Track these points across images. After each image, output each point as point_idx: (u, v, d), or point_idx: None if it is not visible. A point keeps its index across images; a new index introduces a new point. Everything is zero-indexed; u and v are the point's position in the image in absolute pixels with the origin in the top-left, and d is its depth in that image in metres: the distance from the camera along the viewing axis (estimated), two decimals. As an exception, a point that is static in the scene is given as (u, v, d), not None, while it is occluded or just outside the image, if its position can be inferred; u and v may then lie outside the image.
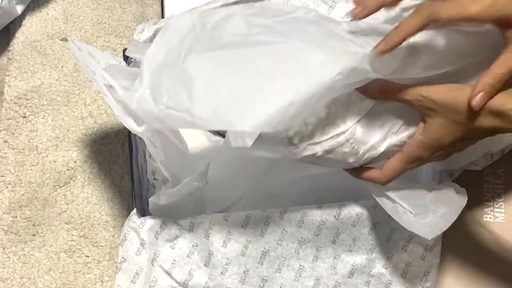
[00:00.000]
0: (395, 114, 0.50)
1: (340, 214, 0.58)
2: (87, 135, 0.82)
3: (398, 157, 0.50)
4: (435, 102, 0.45)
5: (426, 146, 0.48)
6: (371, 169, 0.52)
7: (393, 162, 0.50)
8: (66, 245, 0.76)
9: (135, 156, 0.66)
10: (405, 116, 0.50)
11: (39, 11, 0.89)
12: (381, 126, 0.51)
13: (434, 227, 0.52)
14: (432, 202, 0.54)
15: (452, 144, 0.47)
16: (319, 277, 0.59)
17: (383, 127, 0.51)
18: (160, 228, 0.60)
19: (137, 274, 0.61)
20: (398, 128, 0.51)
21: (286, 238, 0.59)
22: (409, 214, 0.53)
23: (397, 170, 0.50)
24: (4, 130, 0.82)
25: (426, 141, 0.48)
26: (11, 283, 0.74)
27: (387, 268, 0.59)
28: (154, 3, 0.90)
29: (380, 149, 0.51)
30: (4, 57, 0.87)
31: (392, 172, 0.51)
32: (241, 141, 0.48)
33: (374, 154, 0.51)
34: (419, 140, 0.48)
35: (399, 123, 0.51)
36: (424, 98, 0.46)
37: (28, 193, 0.78)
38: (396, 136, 0.51)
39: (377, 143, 0.51)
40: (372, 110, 0.50)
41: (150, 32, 0.64)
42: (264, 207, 0.60)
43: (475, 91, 0.43)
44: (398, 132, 0.51)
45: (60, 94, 0.84)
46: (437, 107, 0.46)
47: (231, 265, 0.59)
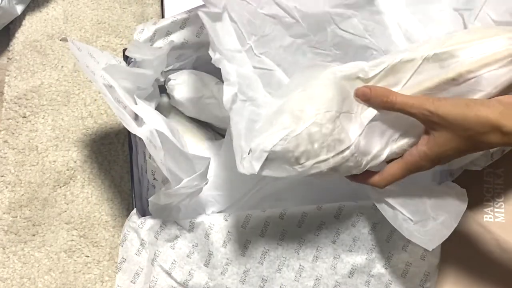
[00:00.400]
0: (395, 122, 0.50)
1: (340, 214, 0.58)
2: (87, 135, 0.82)
3: (398, 164, 0.50)
4: (442, 117, 0.45)
5: (430, 158, 0.48)
6: (370, 173, 0.52)
7: (393, 168, 0.50)
8: (66, 245, 0.76)
9: (135, 156, 0.66)
10: (404, 124, 0.50)
11: (39, 11, 0.89)
12: (381, 135, 0.51)
13: (434, 236, 0.52)
14: (432, 207, 0.54)
15: (456, 156, 0.47)
16: (319, 277, 0.59)
17: (383, 136, 0.51)
18: (160, 228, 0.60)
19: (137, 274, 0.61)
20: (398, 136, 0.51)
21: (286, 238, 0.59)
22: (409, 222, 0.53)
23: (396, 176, 0.50)
24: (4, 130, 0.82)
25: (430, 153, 0.48)
26: (11, 283, 0.74)
27: (387, 268, 0.59)
28: (154, 3, 0.90)
29: (381, 157, 0.51)
30: (4, 57, 0.87)
31: (391, 178, 0.51)
32: (249, 166, 0.48)
33: (375, 163, 0.51)
34: (422, 152, 0.48)
35: (399, 131, 0.51)
36: (431, 113, 0.46)
37: (28, 193, 0.78)
38: (396, 144, 0.51)
39: (378, 151, 0.51)
40: (373, 120, 0.50)
41: (150, 32, 0.64)
42: (264, 207, 0.60)
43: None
44: (398, 139, 0.51)
45: (60, 94, 0.84)
46: (444, 122, 0.45)
47: (231, 265, 0.59)
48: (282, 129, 0.48)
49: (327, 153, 0.48)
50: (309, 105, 0.48)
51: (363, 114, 0.50)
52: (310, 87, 0.50)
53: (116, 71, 0.59)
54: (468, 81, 0.48)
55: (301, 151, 0.48)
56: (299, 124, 0.47)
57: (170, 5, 0.82)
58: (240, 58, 0.55)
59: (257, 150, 0.48)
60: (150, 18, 0.89)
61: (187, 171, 0.56)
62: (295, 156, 0.48)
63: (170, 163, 0.55)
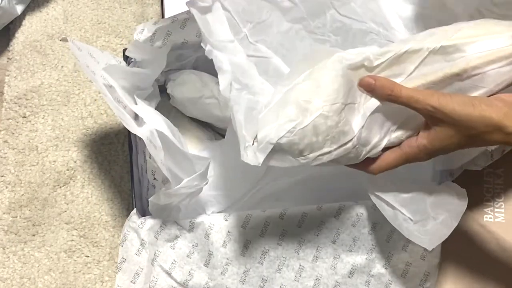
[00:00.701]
0: (395, 113, 0.50)
1: (340, 214, 0.58)
2: (87, 135, 0.82)
3: (395, 154, 0.50)
4: (446, 115, 0.45)
5: (429, 152, 0.48)
6: (365, 160, 0.52)
7: (389, 157, 0.51)
8: (66, 245, 0.76)
9: (135, 156, 0.66)
10: (404, 115, 0.50)
11: (39, 11, 0.89)
12: (381, 126, 0.50)
13: (434, 236, 0.52)
14: (432, 207, 0.54)
15: (455, 150, 0.48)
16: (319, 277, 0.59)
17: (382, 127, 0.51)
18: (160, 228, 0.60)
19: (137, 274, 0.61)
20: (396, 126, 0.51)
21: (286, 238, 0.59)
22: (409, 222, 0.53)
23: (392, 165, 0.51)
24: (4, 130, 0.82)
25: (430, 147, 0.48)
26: (11, 283, 0.74)
27: (387, 268, 0.59)
28: (154, 3, 0.90)
29: (379, 147, 0.51)
30: (4, 57, 0.87)
31: (387, 166, 0.51)
32: (253, 157, 0.48)
33: (373, 153, 0.51)
34: (422, 145, 0.48)
35: (398, 121, 0.51)
36: (435, 109, 0.46)
37: (28, 193, 0.78)
38: (394, 133, 0.51)
39: (377, 142, 0.51)
40: (375, 111, 0.50)
41: (150, 32, 0.64)
42: (264, 207, 0.60)
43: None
44: (396, 130, 0.51)
45: (60, 94, 0.84)
46: (448, 119, 0.45)
47: (231, 265, 0.59)
48: (288, 121, 0.47)
49: (331, 145, 0.48)
50: (316, 96, 0.48)
51: (366, 105, 0.49)
52: (316, 75, 0.49)
53: (116, 71, 0.59)
54: (472, 77, 0.48)
55: (305, 144, 0.48)
56: (306, 116, 0.47)
57: (170, 5, 0.82)
58: (232, 48, 0.55)
59: (263, 141, 0.48)
60: (150, 18, 0.89)
61: (187, 171, 0.56)
62: (300, 149, 0.48)
63: (170, 163, 0.55)
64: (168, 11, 0.81)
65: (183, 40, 0.65)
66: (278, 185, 0.64)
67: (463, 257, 0.65)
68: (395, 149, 0.51)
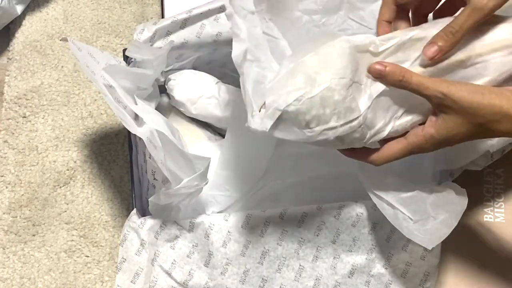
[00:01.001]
0: (400, 99, 0.49)
1: (340, 214, 0.58)
2: (87, 135, 0.82)
3: (400, 144, 0.50)
4: (456, 102, 0.45)
5: (436, 141, 0.47)
6: (367, 150, 0.51)
7: (394, 148, 0.50)
8: (66, 245, 0.76)
9: (135, 156, 0.66)
10: (409, 101, 0.49)
11: (39, 11, 0.89)
12: (386, 110, 0.50)
13: (434, 235, 0.52)
14: (432, 206, 0.54)
15: (461, 141, 0.47)
16: (319, 277, 0.59)
17: (387, 111, 0.50)
18: (160, 228, 0.60)
19: (137, 274, 0.61)
20: (401, 113, 0.50)
21: (286, 238, 0.59)
22: (409, 221, 0.53)
23: (396, 155, 0.50)
24: (4, 130, 0.82)
25: (437, 137, 0.47)
26: (11, 283, 0.74)
27: (387, 268, 0.59)
28: (154, 3, 0.90)
29: (383, 133, 0.50)
30: (4, 57, 0.87)
31: (391, 157, 0.50)
32: (261, 123, 0.48)
33: (376, 138, 0.50)
34: (429, 134, 0.47)
35: (402, 108, 0.50)
36: (445, 96, 0.45)
37: (28, 193, 0.78)
38: (399, 121, 0.50)
39: (381, 127, 0.50)
40: (381, 94, 0.49)
41: (150, 32, 0.64)
42: (264, 207, 0.60)
43: (431, 42, 0.47)
44: (400, 117, 0.50)
45: (60, 94, 0.84)
46: (457, 106, 0.45)
47: (231, 265, 0.59)
48: (297, 89, 0.47)
49: (337, 120, 0.47)
50: (324, 69, 0.47)
51: (372, 87, 0.49)
52: (325, 51, 0.49)
53: (116, 71, 0.59)
54: (476, 64, 0.48)
55: (312, 115, 0.47)
56: (314, 86, 0.47)
57: (170, 5, 0.82)
58: (251, 19, 0.54)
59: (270, 107, 0.47)
60: (150, 18, 0.89)
61: (187, 171, 0.56)
62: (306, 120, 0.47)
63: (170, 163, 0.55)
64: (168, 11, 0.81)
65: (183, 40, 0.65)
66: (278, 185, 0.64)
67: (463, 257, 0.65)
68: (400, 139, 0.50)
